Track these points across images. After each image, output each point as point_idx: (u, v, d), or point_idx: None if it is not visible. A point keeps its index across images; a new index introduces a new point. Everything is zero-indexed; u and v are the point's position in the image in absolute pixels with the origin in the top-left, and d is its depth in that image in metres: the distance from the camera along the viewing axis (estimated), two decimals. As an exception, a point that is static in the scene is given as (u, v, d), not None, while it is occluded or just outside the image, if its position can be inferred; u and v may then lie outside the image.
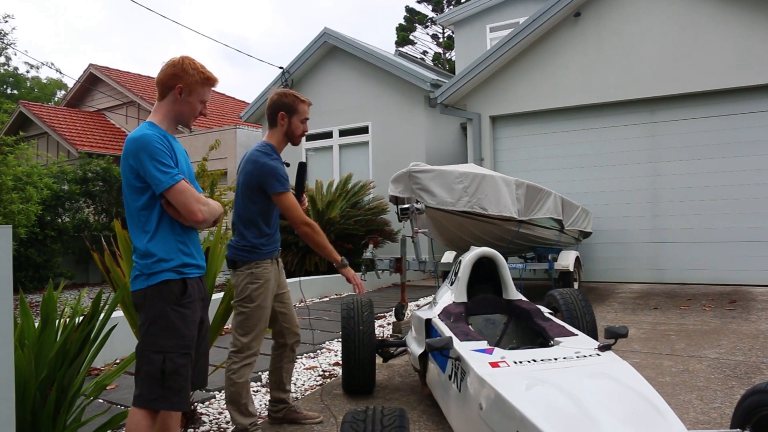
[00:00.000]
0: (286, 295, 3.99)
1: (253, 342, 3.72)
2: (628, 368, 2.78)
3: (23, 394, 3.11)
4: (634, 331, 6.67)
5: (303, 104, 3.87)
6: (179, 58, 2.89)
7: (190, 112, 2.93)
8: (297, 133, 3.88)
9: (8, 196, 10.07)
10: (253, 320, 3.72)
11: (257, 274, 3.70)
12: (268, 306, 3.75)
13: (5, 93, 31.76)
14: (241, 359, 3.71)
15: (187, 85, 2.87)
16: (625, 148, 11.00)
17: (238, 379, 3.69)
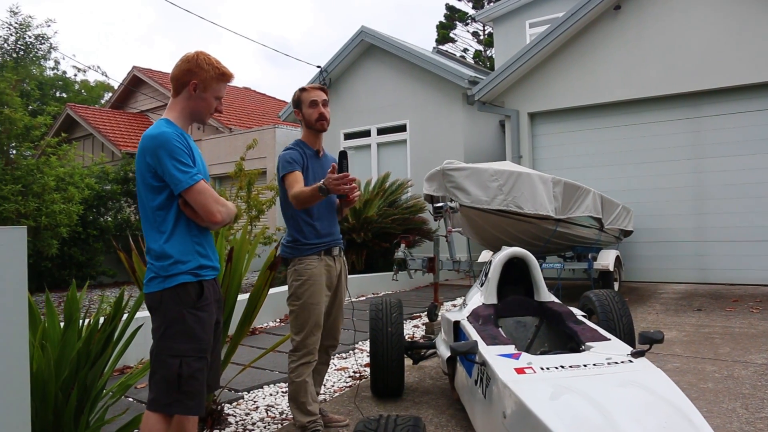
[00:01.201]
0: (337, 304, 3.90)
1: (307, 340, 3.67)
2: (662, 377, 2.63)
3: (44, 393, 3.10)
4: (676, 333, 6.46)
5: (305, 92, 3.79)
6: (193, 54, 2.83)
7: (205, 108, 2.86)
8: (312, 120, 3.75)
9: (50, 196, 10.24)
10: (302, 318, 3.67)
11: (300, 271, 3.66)
12: (317, 302, 3.67)
13: (54, 96, 32.45)
14: (298, 358, 3.68)
15: (202, 81, 2.80)
16: (667, 144, 10.68)
17: (296, 378, 3.67)
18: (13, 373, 2.43)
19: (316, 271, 3.67)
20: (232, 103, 23.38)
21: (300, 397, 3.67)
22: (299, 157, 3.69)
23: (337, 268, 3.81)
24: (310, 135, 3.82)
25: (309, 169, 3.73)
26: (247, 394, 4.88)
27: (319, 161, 3.82)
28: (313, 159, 3.78)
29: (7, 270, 2.44)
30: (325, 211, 3.75)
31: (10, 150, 11.04)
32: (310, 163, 3.75)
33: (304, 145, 3.80)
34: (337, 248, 3.83)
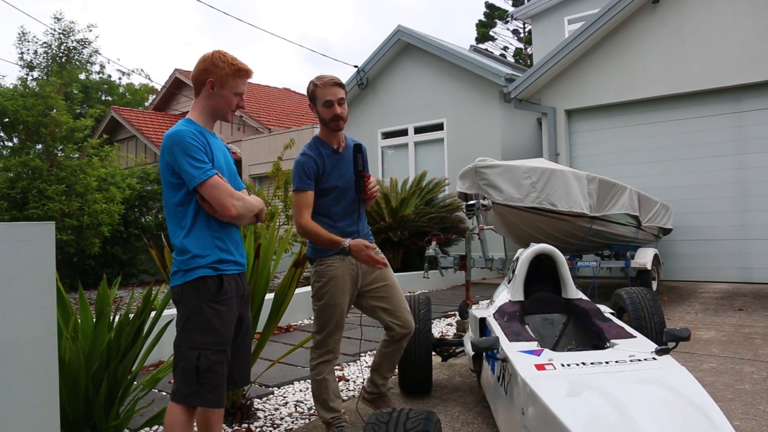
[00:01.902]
0: (385, 289, 3.74)
1: (327, 339, 3.67)
2: (685, 375, 2.58)
3: (75, 384, 3.19)
4: (715, 333, 6.32)
5: (318, 88, 3.60)
6: (210, 53, 2.88)
7: (225, 105, 2.90)
8: (327, 118, 3.60)
9: (92, 196, 10.49)
10: (323, 318, 3.66)
11: (321, 272, 3.64)
12: (338, 304, 3.63)
13: (100, 99, 33.18)
14: (318, 356, 3.68)
15: (218, 78, 2.84)
16: (709, 139, 10.44)
17: (316, 376, 3.67)
18: (42, 361, 2.52)
19: (338, 272, 3.61)
20: (272, 104, 23.63)
21: (321, 394, 3.68)
22: (313, 167, 3.57)
23: (362, 266, 3.69)
24: (326, 132, 3.69)
25: (327, 171, 3.62)
26: (277, 390, 4.93)
27: (339, 157, 3.68)
28: (331, 158, 3.65)
29: (36, 262, 2.53)
30: (347, 210, 3.68)
31: (57, 151, 11.34)
32: (329, 163, 3.63)
33: (320, 144, 3.67)
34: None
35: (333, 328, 3.66)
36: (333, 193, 3.62)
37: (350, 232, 3.66)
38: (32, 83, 16.33)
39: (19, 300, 2.47)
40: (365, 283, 3.73)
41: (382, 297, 3.73)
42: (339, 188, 3.63)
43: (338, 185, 3.63)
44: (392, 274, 3.81)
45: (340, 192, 3.63)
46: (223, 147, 3.02)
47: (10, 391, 2.42)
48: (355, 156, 3.61)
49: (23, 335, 2.47)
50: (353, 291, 3.70)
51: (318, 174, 3.58)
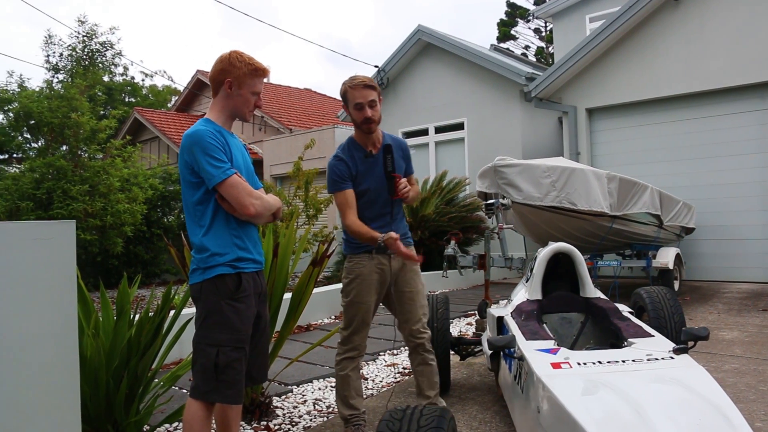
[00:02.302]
0: (407, 295, 3.72)
1: (352, 336, 3.69)
2: (703, 374, 2.56)
3: (96, 380, 3.24)
4: (738, 333, 6.25)
5: (350, 90, 3.57)
6: (227, 53, 2.91)
7: (243, 104, 2.93)
8: (358, 121, 3.58)
9: (115, 196, 10.61)
10: (349, 315, 3.69)
11: (349, 269, 3.69)
12: (364, 302, 3.64)
13: (123, 101, 33.52)
14: (343, 351, 3.72)
15: (236, 78, 2.87)
16: (732, 138, 10.30)
17: (340, 371, 3.71)
18: (63, 356, 2.57)
19: (365, 270, 3.62)
20: (293, 104, 23.71)
21: (342, 389, 3.71)
22: (345, 170, 3.58)
23: (393, 266, 3.67)
24: (359, 134, 3.68)
25: (360, 174, 3.61)
26: (296, 388, 4.96)
27: (372, 160, 3.64)
28: (363, 162, 3.63)
29: (57, 261, 2.58)
30: (379, 212, 3.65)
31: (81, 152, 11.48)
32: (361, 167, 3.62)
33: (353, 146, 3.67)
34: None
35: (358, 325, 3.68)
36: (365, 196, 3.62)
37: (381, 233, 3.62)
38: (57, 85, 16.59)
39: (40, 296, 2.52)
40: (396, 285, 3.72)
41: (402, 302, 3.73)
42: (371, 191, 3.63)
43: (370, 188, 3.62)
44: (418, 282, 3.79)
45: (372, 195, 3.63)
46: (241, 146, 3.05)
47: (33, 386, 2.47)
48: (384, 157, 3.59)
49: (45, 331, 2.52)
50: (381, 290, 3.69)
51: (351, 176, 3.60)
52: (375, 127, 3.61)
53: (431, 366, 3.80)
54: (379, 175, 3.62)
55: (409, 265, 3.74)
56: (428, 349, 3.78)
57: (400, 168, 3.71)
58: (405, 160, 3.84)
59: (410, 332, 3.74)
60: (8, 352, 2.41)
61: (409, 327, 3.73)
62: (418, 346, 3.76)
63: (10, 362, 2.41)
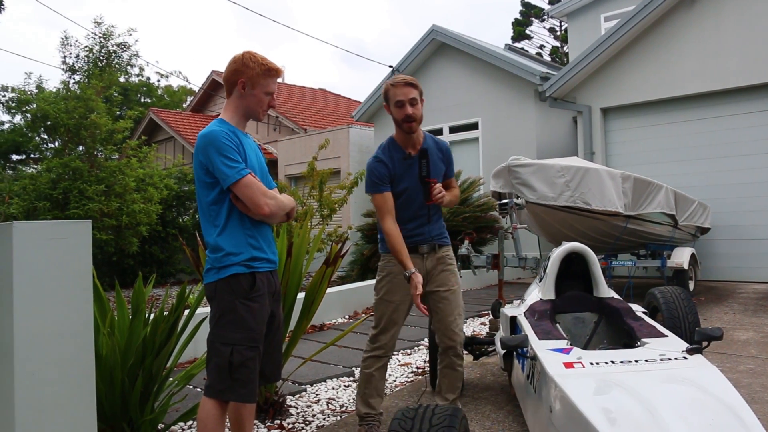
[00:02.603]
0: (442, 294, 3.69)
1: (380, 335, 3.66)
2: (716, 374, 2.55)
3: (111, 378, 3.27)
4: (753, 334, 6.21)
5: (392, 88, 3.57)
6: (240, 54, 2.93)
7: (257, 104, 2.96)
8: (399, 119, 3.57)
9: (131, 196, 10.69)
10: (379, 312, 3.68)
11: (382, 267, 3.70)
12: (392, 300, 3.64)
13: (139, 101, 33.74)
14: (370, 349, 3.69)
15: (249, 78, 2.89)
16: (749, 137, 10.20)
17: (365, 369, 3.69)
18: (79, 353, 2.61)
19: (397, 268, 3.57)
20: (307, 104, 23.78)
21: (364, 387, 3.69)
22: (385, 171, 3.57)
23: (426, 266, 3.66)
24: (400, 133, 3.66)
25: (398, 175, 3.61)
26: (310, 387, 4.98)
27: (411, 161, 3.63)
28: (402, 163, 3.62)
29: (74, 260, 2.62)
30: (415, 214, 3.65)
31: (97, 153, 11.58)
32: (399, 168, 3.61)
33: (393, 147, 3.66)
34: (427, 245, 3.66)
35: (386, 323, 3.65)
36: (402, 196, 3.61)
37: (417, 234, 3.65)
38: (74, 86, 16.75)
39: (57, 295, 2.56)
40: (430, 285, 3.68)
41: (436, 302, 3.70)
42: (408, 192, 3.61)
43: (407, 188, 3.61)
44: (454, 281, 3.75)
45: (409, 195, 3.61)
46: (255, 147, 3.08)
47: (50, 383, 2.50)
48: (419, 162, 3.57)
49: (62, 329, 2.56)
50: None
51: (390, 177, 3.59)
52: (416, 126, 3.60)
53: (457, 372, 3.78)
54: (415, 178, 3.60)
55: (443, 264, 3.73)
56: (458, 354, 3.74)
57: (438, 171, 3.70)
58: (445, 163, 3.83)
59: (443, 333, 3.70)
60: (27, 350, 2.45)
61: (443, 328, 3.69)
62: (449, 349, 3.72)
63: (29, 360, 2.45)
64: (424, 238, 3.66)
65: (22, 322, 2.46)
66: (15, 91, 20.82)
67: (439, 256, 3.72)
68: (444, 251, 3.76)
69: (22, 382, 2.44)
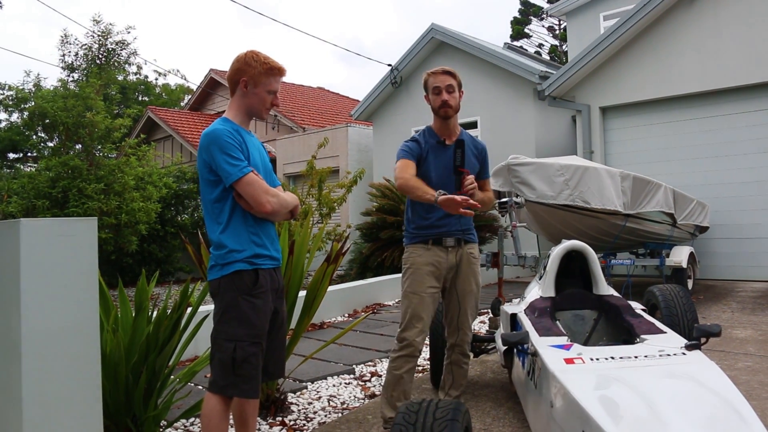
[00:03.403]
0: (463, 293, 3.69)
1: (405, 332, 3.54)
2: (714, 369, 2.59)
3: (115, 375, 3.30)
4: (751, 332, 6.25)
5: (431, 77, 3.65)
6: (243, 53, 2.97)
7: (259, 103, 2.99)
8: (435, 107, 3.63)
9: (130, 194, 10.71)
10: (403, 307, 3.60)
11: (405, 258, 3.65)
12: (416, 292, 3.54)
13: (137, 99, 33.70)
14: (399, 348, 3.57)
15: (251, 77, 2.93)
16: (746, 136, 10.23)
17: (393, 370, 3.57)
18: (85, 350, 2.64)
19: (420, 260, 3.56)
20: (306, 103, 23.79)
21: (390, 389, 3.57)
22: (416, 148, 3.61)
23: (450, 261, 3.62)
24: (437, 121, 3.71)
25: (428, 159, 3.61)
26: (311, 385, 5.01)
27: (443, 150, 3.63)
28: (435, 148, 3.63)
29: (79, 257, 2.65)
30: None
31: (96, 151, 11.58)
32: (432, 154, 3.62)
33: (429, 133, 3.71)
34: (453, 239, 3.61)
35: (411, 318, 3.54)
36: (429, 184, 3.48)
37: (443, 224, 3.59)
38: (71, 84, 16.72)
39: (63, 291, 2.58)
40: (453, 281, 3.67)
41: (452, 299, 3.71)
42: (433, 182, 3.51)
43: (433, 176, 3.56)
44: (473, 282, 3.73)
45: (435, 185, 3.46)
46: (258, 145, 3.11)
47: (57, 378, 2.53)
48: (454, 151, 3.49)
49: (68, 325, 2.59)
50: (435, 284, 3.60)
51: (420, 157, 3.60)
52: (452, 112, 3.62)
53: (463, 369, 3.83)
54: (447, 167, 3.54)
55: (469, 262, 3.70)
56: (465, 353, 3.79)
57: (471, 166, 3.67)
58: (480, 162, 3.83)
59: (455, 330, 3.74)
60: (34, 346, 2.47)
61: (455, 325, 3.73)
62: (457, 346, 3.77)
63: (36, 356, 2.48)
64: (449, 230, 3.60)
65: (30, 319, 2.48)
66: (12, 89, 20.80)
67: (464, 252, 3.68)
68: (470, 248, 3.73)
69: (30, 377, 2.47)
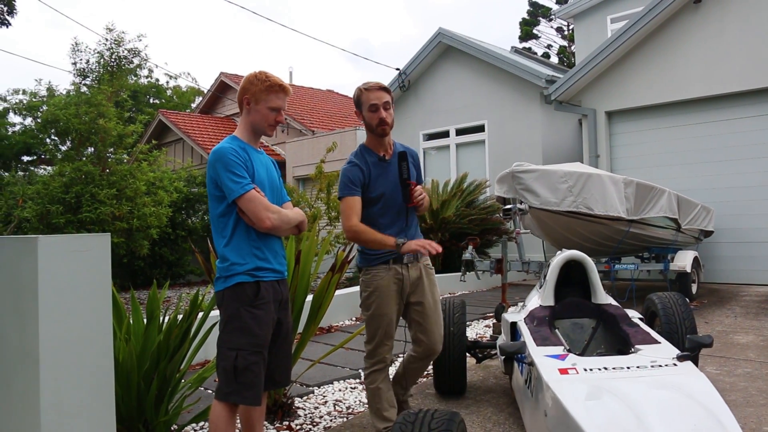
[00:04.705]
0: (428, 306, 3.72)
1: (377, 349, 3.65)
2: (703, 381, 2.69)
3: (128, 382, 3.43)
4: (753, 338, 6.31)
5: (364, 93, 3.57)
6: (251, 73, 3.10)
7: (261, 119, 3.10)
8: (373, 124, 3.57)
9: (142, 199, 10.85)
10: (372, 328, 3.66)
11: (367, 282, 3.65)
12: (384, 314, 3.60)
13: (148, 102, 33.92)
14: (370, 365, 3.68)
15: (252, 94, 3.06)
16: (753, 140, 10.29)
17: (369, 385, 3.69)
18: (99, 360, 2.77)
19: (383, 282, 3.59)
20: (315, 106, 23.92)
21: (375, 402, 3.68)
22: (358, 175, 3.57)
23: (411, 276, 3.67)
24: (372, 138, 3.67)
25: (373, 179, 3.60)
26: (317, 389, 5.12)
27: (385, 165, 3.66)
28: (377, 166, 3.63)
29: (94, 271, 2.78)
30: (393, 219, 3.64)
31: (109, 156, 11.72)
32: (375, 172, 3.61)
33: (366, 152, 3.66)
34: (411, 255, 3.61)
35: (382, 338, 3.63)
36: (379, 202, 3.60)
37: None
38: (83, 88, 16.85)
39: (79, 304, 2.71)
40: (414, 296, 3.71)
41: (420, 313, 3.73)
42: (385, 196, 3.60)
43: (384, 193, 3.60)
44: (436, 292, 3.80)
45: (387, 201, 3.60)
46: (267, 162, 3.22)
47: (72, 386, 2.66)
48: (399, 164, 3.59)
49: (83, 336, 2.72)
50: (400, 301, 3.67)
51: (364, 182, 3.58)
52: (389, 129, 3.63)
53: (423, 371, 3.99)
54: (393, 181, 3.62)
55: (427, 274, 3.76)
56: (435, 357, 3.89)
57: (412, 176, 3.69)
58: (417, 168, 3.83)
59: (428, 343, 3.74)
60: (51, 356, 2.60)
61: (428, 338, 3.74)
62: (431, 356, 3.82)
63: (53, 365, 2.61)
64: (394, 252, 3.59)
65: (47, 330, 2.61)
66: (26, 94, 21.09)
67: (422, 265, 3.75)
68: (425, 260, 3.76)
69: (47, 385, 2.60)
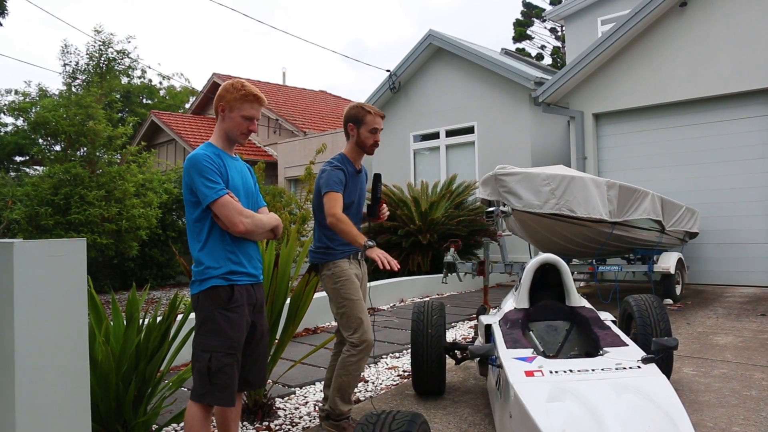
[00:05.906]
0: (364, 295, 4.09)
1: (364, 335, 3.83)
2: (663, 383, 2.76)
3: (106, 383, 3.49)
4: (732, 338, 6.39)
5: (370, 115, 3.94)
6: (228, 82, 3.19)
7: (234, 127, 3.17)
8: (367, 144, 3.97)
9: (131, 201, 10.91)
10: (354, 314, 3.85)
11: (338, 273, 3.90)
12: (360, 298, 3.89)
13: (141, 103, 33.86)
14: (359, 352, 3.83)
15: (227, 102, 3.14)
16: (737, 143, 10.40)
17: (355, 372, 3.85)
18: (75, 363, 2.81)
19: (351, 271, 3.93)
20: (308, 106, 23.98)
21: (350, 388, 3.89)
22: (343, 177, 3.88)
23: (362, 272, 4.09)
24: (356, 153, 4.03)
25: (348, 186, 3.92)
26: (299, 390, 5.17)
27: (357, 178, 4.04)
28: (352, 176, 3.98)
29: (70, 275, 2.82)
30: (354, 220, 3.90)
31: (98, 156, 11.77)
32: (350, 181, 3.95)
33: (347, 162, 3.99)
34: (360, 253, 3.98)
35: (362, 320, 3.85)
36: (350, 208, 3.92)
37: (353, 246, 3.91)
38: (75, 89, 16.92)
39: (54, 308, 2.76)
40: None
41: None
42: (354, 204, 4.00)
43: (354, 201, 3.99)
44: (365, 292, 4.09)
45: (353, 209, 3.98)
46: (242, 168, 3.29)
47: (48, 388, 2.71)
48: (375, 184, 3.99)
49: (58, 339, 2.76)
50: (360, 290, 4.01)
51: (344, 186, 3.90)
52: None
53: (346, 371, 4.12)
54: (360, 193, 4.07)
55: (365, 271, 4.16)
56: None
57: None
58: None
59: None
60: (26, 359, 2.65)
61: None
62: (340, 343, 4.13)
63: (28, 368, 2.66)
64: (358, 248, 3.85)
65: (23, 333, 2.66)
66: (18, 94, 21.06)
67: (363, 262, 4.14)
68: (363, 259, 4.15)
69: (22, 388, 2.64)
